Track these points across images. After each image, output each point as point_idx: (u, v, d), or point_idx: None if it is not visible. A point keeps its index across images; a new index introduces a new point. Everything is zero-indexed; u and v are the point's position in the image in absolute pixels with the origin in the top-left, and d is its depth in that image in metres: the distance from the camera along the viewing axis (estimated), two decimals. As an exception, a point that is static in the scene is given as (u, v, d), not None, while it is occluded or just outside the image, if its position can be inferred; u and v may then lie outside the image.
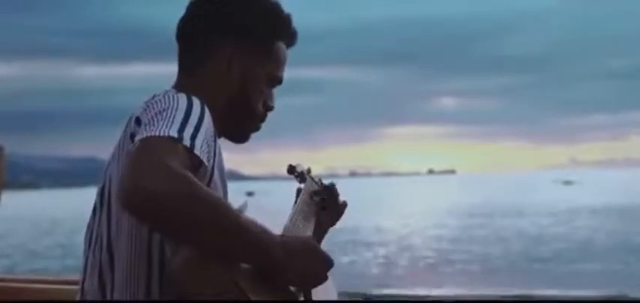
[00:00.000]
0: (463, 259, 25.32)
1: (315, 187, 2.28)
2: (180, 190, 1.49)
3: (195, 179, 1.54)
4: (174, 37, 2.03)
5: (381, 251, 27.66)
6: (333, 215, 2.25)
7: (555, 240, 31.34)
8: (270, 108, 2.05)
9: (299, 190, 2.17)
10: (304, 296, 1.70)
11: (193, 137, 1.62)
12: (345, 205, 2.29)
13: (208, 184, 1.73)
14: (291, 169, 2.31)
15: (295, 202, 2.11)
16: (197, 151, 1.62)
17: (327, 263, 1.71)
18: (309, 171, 2.32)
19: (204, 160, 1.66)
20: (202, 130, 1.67)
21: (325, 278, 1.72)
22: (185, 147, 1.59)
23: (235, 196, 1.89)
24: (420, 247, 29.85)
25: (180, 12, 2.03)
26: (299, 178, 2.29)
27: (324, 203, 2.22)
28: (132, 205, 1.51)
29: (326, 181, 2.37)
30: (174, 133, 1.59)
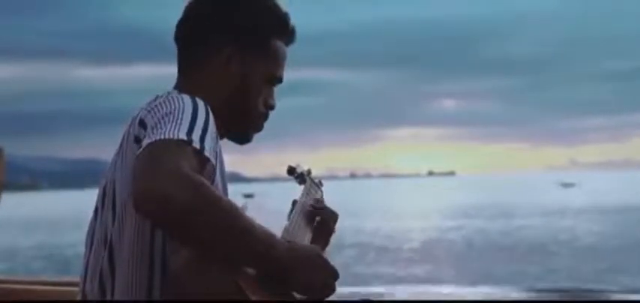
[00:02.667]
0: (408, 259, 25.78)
1: (316, 190, 2.26)
2: (194, 194, 1.50)
3: (208, 183, 1.54)
4: (173, 40, 2.02)
5: (351, 252, 27.69)
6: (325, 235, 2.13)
7: (523, 242, 31.65)
8: (271, 107, 2.04)
9: (295, 201, 2.13)
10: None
11: (202, 139, 1.63)
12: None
13: None
14: (291, 171, 2.29)
15: (291, 211, 2.07)
16: (206, 154, 1.62)
17: (333, 274, 1.71)
18: (309, 172, 2.31)
19: (213, 162, 1.67)
20: (209, 131, 1.68)
21: (332, 290, 1.71)
22: (195, 149, 1.60)
23: (234, 197, 1.89)
24: (389, 248, 30.10)
25: (180, 13, 2.02)
26: (299, 180, 2.28)
27: (320, 223, 2.12)
28: (145, 210, 1.52)
29: (325, 184, 2.36)
30: (183, 136, 1.60)
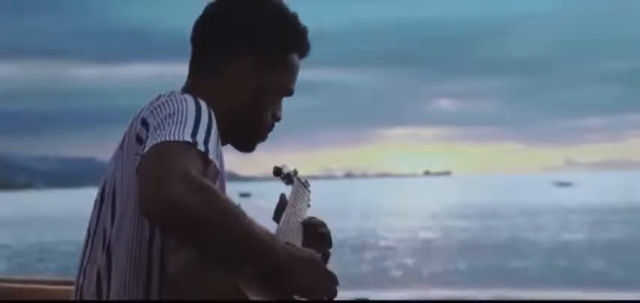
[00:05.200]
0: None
1: (304, 190, 2.24)
2: (203, 199, 1.50)
3: (215, 187, 1.56)
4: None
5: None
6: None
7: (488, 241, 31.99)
8: (277, 119, 2.05)
9: (283, 196, 2.13)
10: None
11: (206, 142, 1.64)
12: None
13: None
14: (278, 171, 2.28)
15: (278, 207, 2.09)
16: (211, 157, 1.63)
17: (332, 278, 1.73)
18: (295, 172, 2.29)
19: (217, 165, 1.67)
20: (212, 133, 1.68)
21: (332, 293, 1.72)
22: (199, 151, 1.60)
23: (230, 196, 1.92)
24: (352, 247, 30.42)
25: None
26: (286, 180, 2.26)
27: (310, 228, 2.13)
28: (155, 214, 1.53)
29: (321, 183, 2.36)
30: (188, 138, 1.60)
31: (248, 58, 1.95)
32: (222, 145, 1.89)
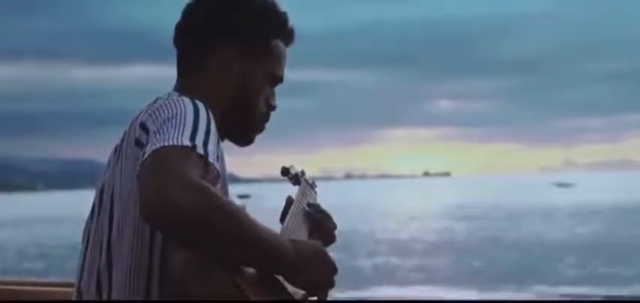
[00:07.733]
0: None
1: (310, 191, 2.26)
2: (204, 202, 1.50)
3: (214, 189, 1.55)
4: (172, 42, 2.02)
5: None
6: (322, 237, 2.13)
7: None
8: (272, 107, 2.04)
9: (289, 198, 2.14)
10: (319, 299, 1.71)
11: (205, 144, 1.63)
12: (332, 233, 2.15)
13: None
14: (285, 171, 2.28)
15: (284, 209, 2.09)
16: (211, 159, 1.62)
17: (333, 269, 1.73)
18: (302, 173, 2.30)
19: (217, 167, 1.66)
20: (211, 135, 1.68)
21: (332, 284, 1.73)
22: (199, 155, 1.60)
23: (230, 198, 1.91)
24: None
25: (178, 14, 2.02)
26: (293, 181, 2.27)
27: (314, 222, 2.12)
28: (154, 219, 1.53)
29: (320, 184, 2.36)
30: (187, 142, 1.60)
31: (230, 50, 1.96)
32: (221, 140, 1.89)
